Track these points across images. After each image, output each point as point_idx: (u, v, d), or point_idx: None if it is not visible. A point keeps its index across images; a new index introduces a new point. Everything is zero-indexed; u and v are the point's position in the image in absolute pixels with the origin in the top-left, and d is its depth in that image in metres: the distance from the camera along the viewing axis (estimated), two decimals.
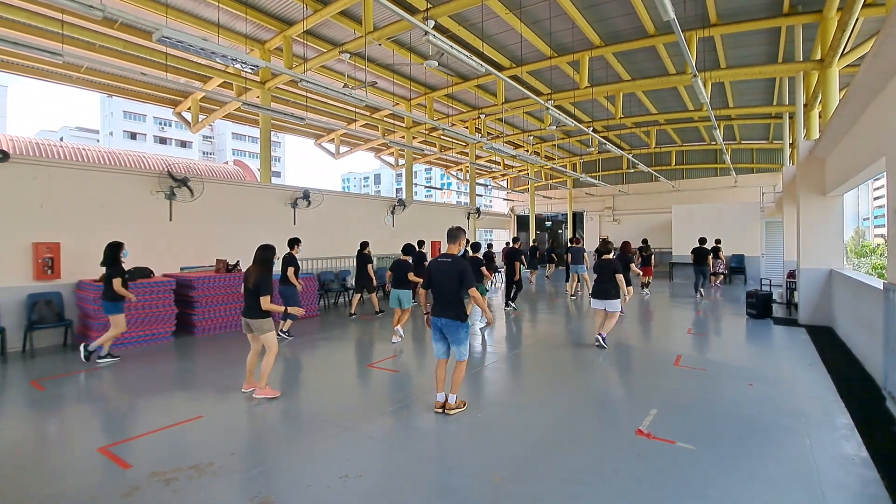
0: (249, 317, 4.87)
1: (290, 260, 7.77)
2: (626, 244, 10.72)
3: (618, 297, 6.91)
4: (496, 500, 2.97)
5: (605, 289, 6.89)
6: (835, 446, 3.70)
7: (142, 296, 7.33)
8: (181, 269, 8.89)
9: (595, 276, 7.15)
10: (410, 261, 8.00)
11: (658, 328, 8.57)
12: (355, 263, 10.05)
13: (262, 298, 4.75)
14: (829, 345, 7.02)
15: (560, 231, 28.80)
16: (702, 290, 12.53)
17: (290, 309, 5.50)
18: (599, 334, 6.91)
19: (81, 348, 6.14)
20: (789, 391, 5.02)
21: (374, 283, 10.04)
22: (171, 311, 7.70)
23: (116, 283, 6.09)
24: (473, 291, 4.35)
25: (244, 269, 5.01)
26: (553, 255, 20.92)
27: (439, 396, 4.45)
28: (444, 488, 3.11)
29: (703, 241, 12.47)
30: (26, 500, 2.95)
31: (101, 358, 6.23)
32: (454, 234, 4.57)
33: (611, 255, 7.18)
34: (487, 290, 9.50)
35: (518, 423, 4.19)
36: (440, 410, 4.38)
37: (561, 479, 3.19)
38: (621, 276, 6.89)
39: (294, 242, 7.96)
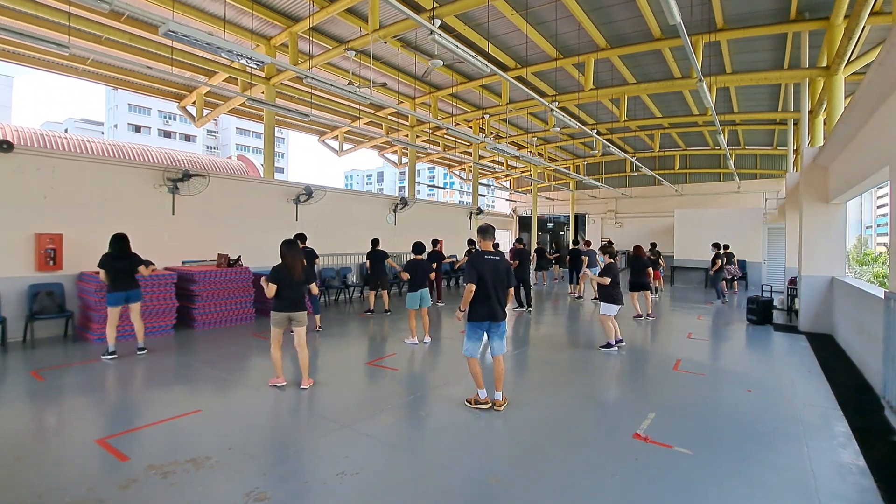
0: (299, 309, 5.06)
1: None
2: (638, 248, 10.53)
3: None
4: (493, 501, 2.97)
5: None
6: (832, 454, 3.69)
7: (143, 289, 7.35)
8: (183, 262, 8.90)
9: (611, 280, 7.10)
10: (425, 258, 7.73)
11: (659, 332, 8.56)
12: (369, 260, 9.89)
13: (313, 285, 5.48)
14: (828, 352, 7.01)
15: (562, 233, 28.80)
16: (724, 296, 12.70)
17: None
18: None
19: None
20: (788, 398, 5.01)
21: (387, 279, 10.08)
22: (172, 304, 7.72)
23: (143, 269, 6.31)
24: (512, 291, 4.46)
25: (289, 264, 5.01)
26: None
27: (497, 395, 4.53)
28: (441, 488, 3.11)
29: (716, 245, 12.67)
30: (24, 491, 2.96)
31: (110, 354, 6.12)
32: (491, 230, 4.61)
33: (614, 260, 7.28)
34: None
35: (516, 424, 4.19)
36: (500, 408, 4.46)
37: (557, 482, 3.19)
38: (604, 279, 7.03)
39: (305, 238, 8.06)
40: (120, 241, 6.18)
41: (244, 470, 3.28)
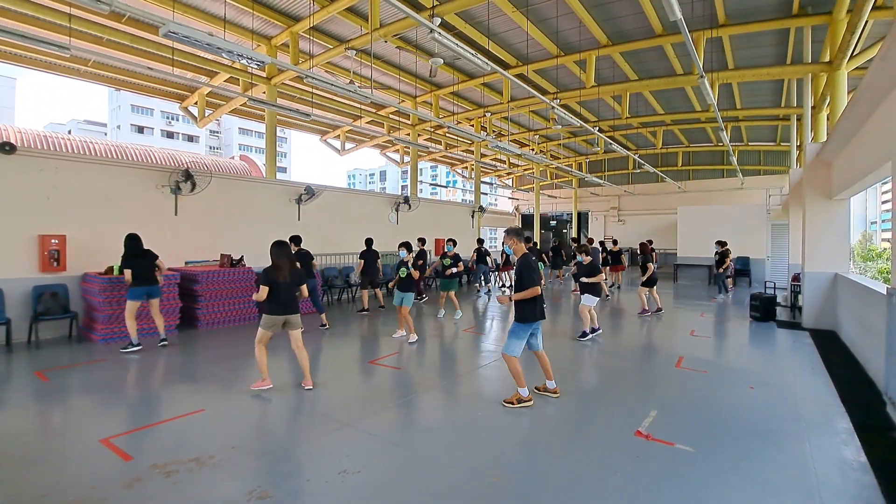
0: (294, 312, 5.00)
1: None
2: (643, 245, 10.46)
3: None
4: (494, 499, 2.98)
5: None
6: (834, 451, 3.69)
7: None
8: (186, 263, 8.94)
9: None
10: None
11: (661, 329, 8.54)
12: (363, 260, 9.82)
13: (303, 287, 5.23)
14: (832, 349, 6.99)
15: (565, 231, 28.75)
16: (727, 291, 12.85)
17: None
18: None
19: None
20: (790, 395, 5.00)
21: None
22: (176, 304, 7.75)
23: (161, 264, 6.81)
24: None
25: (278, 266, 4.91)
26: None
27: (550, 383, 4.85)
28: (442, 486, 3.12)
29: (721, 243, 12.67)
30: (29, 490, 2.99)
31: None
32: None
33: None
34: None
35: (517, 422, 4.19)
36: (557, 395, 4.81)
37: (559, 479, 3.20)
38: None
39: (300, 239, 8.28)
40: (136, 240, 6.57)
41: (247, 468, 3.30)
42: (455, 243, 9.38)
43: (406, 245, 7.58)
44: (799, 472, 3.33)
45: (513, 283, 4.63)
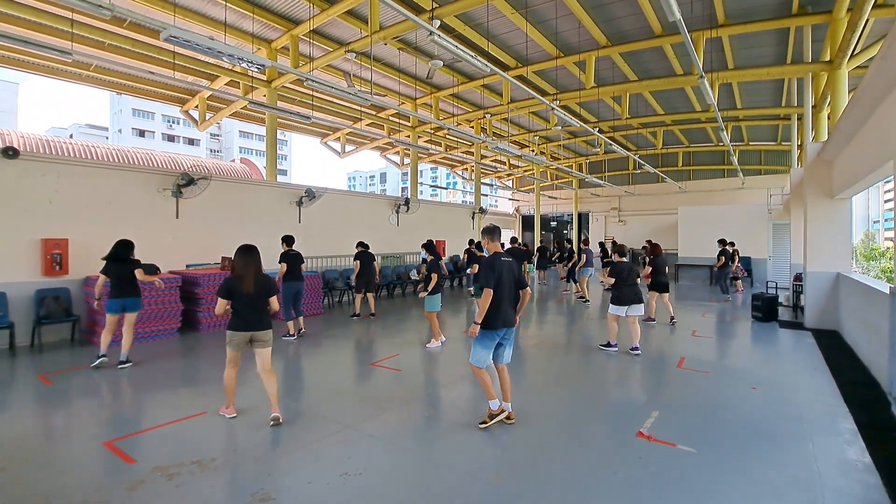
0: (261, 328, 4.24)
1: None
2: (656, 246, 9.69)
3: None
4: (496, 500, 2.98)
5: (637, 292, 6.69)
6: (837, 452, 3.67)
7: (148, 292, 7.40)
8: (187, 266, 8.95)
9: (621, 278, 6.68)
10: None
11: (662, 330, 8.52)
12: (358, 261, 9.48)
13: (273, 299, 4.33)
14: (834, 349, 6.97)
15: (565, 231, 28.72)
16: (727, 293, 12.47)
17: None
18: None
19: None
20: (793, 395, 4.99)
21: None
22: (177, 307, 7.77)
23: (140, 274, 6.02)
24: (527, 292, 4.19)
25: (242, 275, 4.19)
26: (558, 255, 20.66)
27: (506, 405, 4.17)
28: (443, 488, 3.12)
29: (722, 242, 12.38)
30: (32, 493, 3.00)
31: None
32: (497, 230, 4.31)
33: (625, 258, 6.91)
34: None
35: (518, 423, 4.18)
36: (513, 420, 4.15)
37: (560, 481, 3.20)
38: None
39: (293, 240, 7.87)
40: (123, 246, 5.98)
41: (249, 471, 3.30)
42: (481, 247, 8.83)
43: (427, 245, 7.37)
44: (802, 472, 3.32)
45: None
